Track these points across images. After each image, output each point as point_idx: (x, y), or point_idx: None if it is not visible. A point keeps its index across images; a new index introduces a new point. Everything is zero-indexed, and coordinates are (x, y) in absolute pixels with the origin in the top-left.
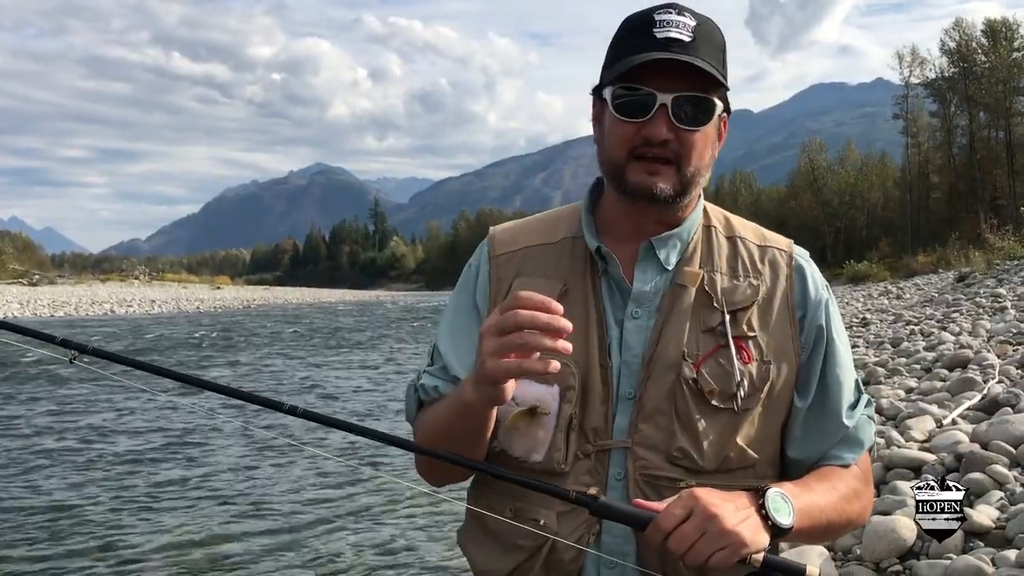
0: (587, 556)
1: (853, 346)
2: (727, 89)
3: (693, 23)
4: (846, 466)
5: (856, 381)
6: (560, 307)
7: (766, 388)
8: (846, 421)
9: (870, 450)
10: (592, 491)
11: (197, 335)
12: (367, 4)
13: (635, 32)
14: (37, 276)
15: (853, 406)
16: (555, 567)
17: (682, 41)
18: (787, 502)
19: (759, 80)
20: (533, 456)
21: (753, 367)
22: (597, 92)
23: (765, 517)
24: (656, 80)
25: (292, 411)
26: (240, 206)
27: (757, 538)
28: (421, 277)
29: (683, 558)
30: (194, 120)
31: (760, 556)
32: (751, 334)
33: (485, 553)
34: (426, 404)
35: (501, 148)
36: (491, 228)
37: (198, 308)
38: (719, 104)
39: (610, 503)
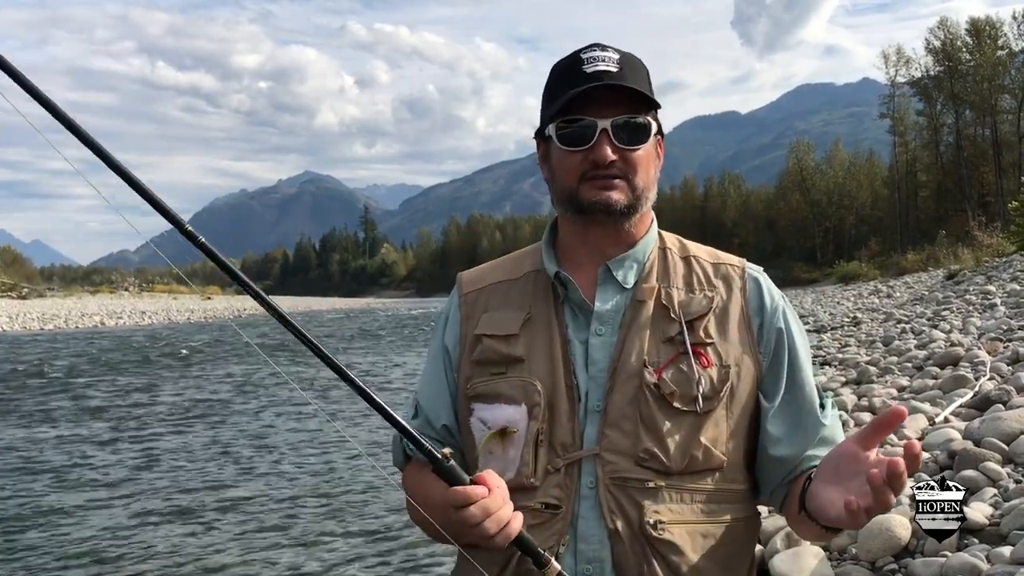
0: (562, 564)
1: (845, 345)
2: (659, 109)
3: (617, 56)
4: None
5: (817, 385)
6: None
7: (726, 390)
8: (823, 420)
9: None
10: (446, 451)
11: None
12: (353, 11)
13: (567, 73)
14: (26, 289)
15: (823, 406)
16: None
17: (611, 71)
18: None
19: (746, 81)
20: (507, 474)
21: (713, 371)
22: (540, 134)
23: None
24: (593, 109)
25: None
26: (229, 216)
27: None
28: (412, 284)
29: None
30: (181, 130)
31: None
32: (709, 341)
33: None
34: (413, 459)
35: (490, 153)
36: (459, 273)
37: (188, 319)
38: (654, 124)
39: (453, 465)
